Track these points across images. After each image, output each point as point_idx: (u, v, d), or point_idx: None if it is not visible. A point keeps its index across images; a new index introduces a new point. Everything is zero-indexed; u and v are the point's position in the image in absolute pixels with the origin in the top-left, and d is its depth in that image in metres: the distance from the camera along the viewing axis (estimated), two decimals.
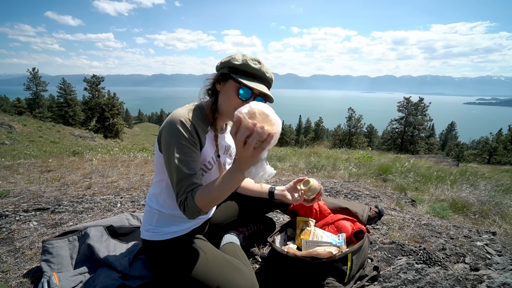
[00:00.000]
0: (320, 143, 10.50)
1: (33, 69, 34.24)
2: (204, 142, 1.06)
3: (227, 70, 1.00)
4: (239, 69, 0.99)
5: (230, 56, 1.02)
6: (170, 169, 0.97)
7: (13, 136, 13.78)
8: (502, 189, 3.29)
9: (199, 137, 1.02)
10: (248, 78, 0.99)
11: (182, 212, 0.95)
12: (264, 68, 1.01)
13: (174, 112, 1.01)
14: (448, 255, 1.39)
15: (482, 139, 32.34)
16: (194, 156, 0.98)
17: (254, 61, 1.00)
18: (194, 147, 0.99)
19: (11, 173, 3.31)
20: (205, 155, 1.07)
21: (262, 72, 1.00)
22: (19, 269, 1.34)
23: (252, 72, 0.99)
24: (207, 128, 1.09)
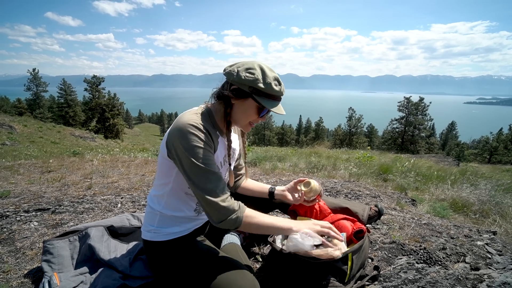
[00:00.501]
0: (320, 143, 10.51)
1: (33, 69, 34.34)
2: (217, 147, 1.06)
3: (248, 89, 0.98)
4: (263, 92, 0.99)
5: (252, 74, 0.97)
6: (195, 174, 0.95)
7: (14, 136, 13.80)
8: (502, 188, 3.28)
9: (213, 141, 1.03)
10: (269, 99, 1.01)
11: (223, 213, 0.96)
12: (283, 88, 1.03)
13: (185, 117, 0.99)
14: (449, 255, 1.39)
15: (482, 139, 32.32)
16: (212, 159, 0.99)
17: (275, 81, 1.00)
18: (210, 148, 1.00)
19: (11, 174, 3.32)
20: (216, 160, 1.07)
21: (281, 92, 1.03)
22: (20, 269, 1.34)
23: (273, 95, 1.00)
24: (216, 133, 1.08)
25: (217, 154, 1.08)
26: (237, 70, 0.99)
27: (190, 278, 1.02)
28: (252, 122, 1.07)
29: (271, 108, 1.00)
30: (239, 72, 0.98)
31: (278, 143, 35.42)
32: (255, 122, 1.07)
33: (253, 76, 0.97)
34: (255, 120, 1.06)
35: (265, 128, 41.01)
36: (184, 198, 1.12)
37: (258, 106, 1.01)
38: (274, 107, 1.01)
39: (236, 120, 1.07)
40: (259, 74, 0.98)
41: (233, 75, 0.99)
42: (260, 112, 1.03)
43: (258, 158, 4.50)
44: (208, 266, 1.02)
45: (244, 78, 0.97)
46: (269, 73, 0.99)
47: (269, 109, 1.00)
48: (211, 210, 0.96)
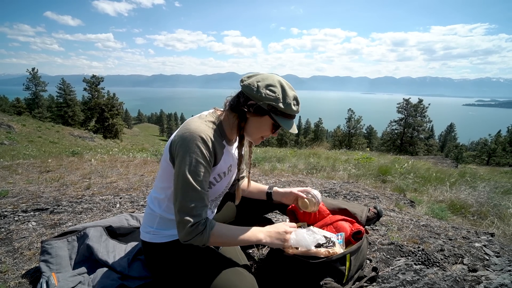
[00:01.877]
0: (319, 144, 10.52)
1: (32, 69, 34.22)
2: (219, 159, 1.05)
3: (266, 107, 0.97)
4: (281, 112, 0.98)
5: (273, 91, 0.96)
6: (184, 185, 0.93)
7: (12, 136, 13.76)
8: (500, 190, 3.30)
9: (216, 155, 1.02)
10: (286, 118, 1.00)
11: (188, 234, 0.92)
12: (300, 108, 1.03)
13: (194, 125, 0.97)
14: (447, 256, 1.40)
15: (481, 141, 32.40)
16: (207, 176, 0.98)
17: (294, 101, 1.00)
18: (209, 166, 0.98)
19: (10, 173, 3.31)
20: (217, 170, 1.07)
21: (297, 112, 1.03)
22: (17, 269, 1.34)
23: (290, 114, 1.00)
24: (223, 142, 1.08)
25: (221, 164, 1.07)
26: (257, 85, 0.96)
27: (188, 278, 1.02)
28: (264, 136, 1.07)
29: (288, 129, 1.00)
30: (260, 88, 0.96)
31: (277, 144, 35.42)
32: (267, 136, 1.08)
33: (274, 95, 0.96)
34: (267, 135, 1.07)
35: None
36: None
37: (273, 123, 1.01)
38: (290, 126, 1.01)
39: (249, 133, 1.06)
40: (280, 93, 0.96)
41: (253, 90, 0.96)
42: (275, 129, 1.04)
43: (257, 158, 4.50)
44: (206, 266, 1.02)
45: (265, 96, 0.95)
46: (289, 93, 0.98)
47: (285, 128, 0.99)
48: (180, 228, 0.94)
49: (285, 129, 1.00)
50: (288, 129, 1.00)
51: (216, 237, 0.97)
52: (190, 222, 0.92)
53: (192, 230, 0.92)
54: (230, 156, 1.13)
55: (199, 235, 0.93)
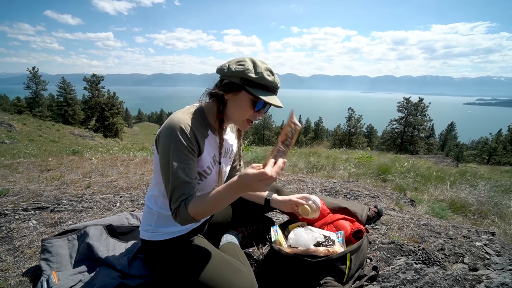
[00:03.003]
0: (319, 143, 10.50)
1: (33, 68, 34.26)
2: (203, 148, 1.04)
3: (239, 80, 0.96)
4: (254, 82, 0.95)
5: (241, 64, 0.96)
6: (167, 175, 0.96)
7: (13, 135, 13.77)
8: (501, 189, 3.29)
9: (198, 143, 1.01)
10: (263, 90, 0.97)
11: (174, 219, 0.96)
12: (277, 79, 1.00)
13: (174, 116, 0.98)
14: (447, 255, 1.40)
15: (481, 140, 32.37)
16: (191, 164, 0.97)
17: (267, 71, 0.97)
18: (192, 154, 0.98)
19: (10, 172, 3.31)
20: (203, 161, 1.06)
21: (275, 83, 0.99)
22: (18, 267, 1.34)
23: (266, 85, 0.97)
24: (207, 132, 1.07)
25: (205, 156, 1.05)
26: (228, 64, 0.99)
27: (188, 277, 1.02)
28: (249, 118, 1.03)
29: (266, 99, 0.95)
30: (230, 65, 0.98)
31: None
32: (253, 118, 1.03)
33: (243, 67, 0.95)
34: (251, 116, 1.02)
35: (265, 128, 41.04)
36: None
37: (252, 98, 0.97)
38: (271, 99, 0.97)
39: (231, 117, 1.04)
40: (250, 65, 0.96)
41: (223, 70, 0.98)
42: (255, 105, 0.99)
43: (258, 157, 4.50)
44: (206, 266, 1.02)
45: (235, 70, 0.96)
46: (260, 64, 0.97)
47: (263, 100, 0.95)
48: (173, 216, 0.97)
49: (264, 100, 0.95)
50: (269, 101, 0.95)
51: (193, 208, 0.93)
52: (172, 210, 0.96)
53: (175, 218, 0.96)
54: (215, 146, 1.10)
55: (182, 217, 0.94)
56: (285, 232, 1.42)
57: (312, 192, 2.64)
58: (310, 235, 1.17)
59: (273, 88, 0.99)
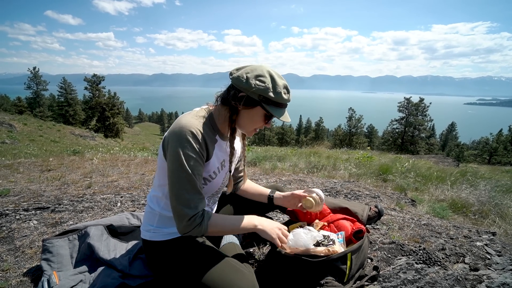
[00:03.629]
0: (320, 143, 10.50)
1: (33, 68, 34.33)
2: (211, 154, 1.04)
3: (257, 97, 0.96)
4: (272, 101, 0.97)
5: (263, 82, 0.95)
6: (178, 179, 0.95)
7: (14, 135, 13.80)
8: (502, 189, 3.28)
9: (208, 149, 1.02)
10: (277, 107, 1.00)
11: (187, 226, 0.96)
12: (291, 96, 1.03)
13: (184, 120, 0.97)
14: (448, 255, 1.39)
15: (482, 140, 32.30)
16: (199, 169, 0.99)
17: (285, 89, 0.99)
18: (202, 160, 0.99)
19: (11, 172, 3.32)
20: (210, 166, 1.06)
21: (289, 100, 1.02)
22: (19, 268, 1.34)
23: (282, 103, 1.00)
24: (215, 137, 1.07)
25: (213, 160, 1.07)
26: (246, 76, 0.95)
27: (189, 277, 1.02)
28: (257, 128, 1.07)
29: (279, 117, 1.00)
30: (249, 79, 0.95)
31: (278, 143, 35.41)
32: (260, 128, 1.08)
33: (264, 85, 0.95)
34: (260, 127, 1.07)
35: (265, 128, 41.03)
36: None
37: (266, 113, 1.01)
38: (282, 115, 1.01)
39: (242, 126, 1.06)
40: (269, 83, 0.95)
41: (242, 82, 0.95)
42: (267, 119, 1.03)
43: (258, 158, 4.50)
44: (207, 264, 1.02)
45: (255, 87, 0.94)
46: (279, 81, 0.97)
47: (277, 117, 1.00)
48: (178, 220, 0.97)
49: (277, 118, 1.00)
50: (281, 118, 1.00)
51: (214, 226, 1.00)
52: (188, 215, 0.95)
53: (190, 223, 0.95)
54: (223, 151, 1.12)
55: (198, 227, 0.96)
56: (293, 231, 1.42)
57: None
58: (309, 235, 1.17)
59: (286, 104, 1.03)
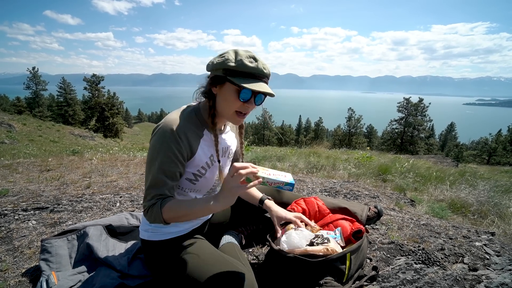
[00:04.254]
0: (319, 143, 10.50)
1: (33, 68, 34.26)
2: (196, 149, 1.04)
3: (222, 72, 0.94)
4: (236, 71, 0.93)
5: (223, 56, 0.95)
6: (149, 172, 0.98)
7: (13, 135, 13.77)
8: (501, 189, 3.29)
9: (191, 146, 1.01)
10: (246, 78, 0.93)
11: (144, 214, 0.99)
12: (261, 65, 0.94)
13: (167, 118, 0.99)
14: (447, 255, 1.40)
15: (481, 140, 32.37)
16: (173, 167, 0.98)
17: (249, 58, 0.93)
18: (178, 158, 0.98)
19: (10, 172, 3.31)
20: (197, 162, 1.06)
21: (259, 69, 0.93)
22: (17, 268, 1.34)
23: (249, 72, 0.93)
24: (203, 132, 1.07)
25: (199, 155, 1.05)
26: (212, 59, 0.99)
27: (187, 278, 1.02)
28: (238, 110, 0.99)
29: (249, 86, 0.90)
30: (213, 59, 0.99)
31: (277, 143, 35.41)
32: (242, 110, 0.99)
33: (224, 58, 0.95)
34: (240, 107, 0.98)
35: (265, 128, 41.05)
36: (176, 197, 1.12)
37: (237, 88, 0.94)
38: (255, 86, 0.91)
39: (221, 111, 1.02)
40: (231, 55, 0.95)
41: (209, 66, 0.99)
42: (241, 95, 0.94)
43: (258, 157, 4.50)
44: (206, 266, 1.02)
45: (216, 63, 0.95)
46: (242, 53, 0.94)
47: (246, 87, 0.90)
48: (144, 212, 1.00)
49: (245, 87, 0.90)
50: (252, 88, 0.90)
51: (168, 211, 0.94)
52: (144, 207, 0.99)
53: (146, 214, 0.98)
54: (212, 145, 1.09)
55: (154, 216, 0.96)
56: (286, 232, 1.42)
57: (312, 192, 2.64)
58: (301, 235, 1.18)
59: (258, 74, 0.94)
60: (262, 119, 40.64)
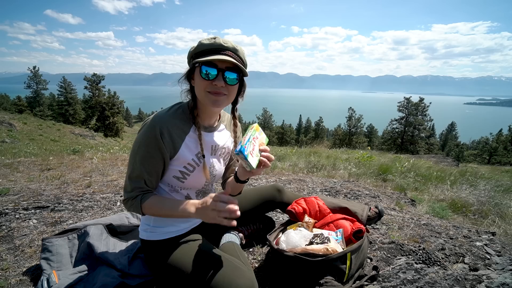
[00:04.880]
0: (320, 143, 10.50)
1: (33, 67, 34.28)
2: (179, 146, 1.03)
3: (192, 60, 0.99)
4: (198, 52, 0.96)
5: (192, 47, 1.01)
6: (130, 163, 1.02)
7: (14, 134, 13.78)
8: (502, 189, 3.28)
9: (174, 142, 1.02)
10: (206, 55, 0.93)
11: (123, 203, 1.04)
12: (220, 40, 0.94)
13: (156, 115, 1.02)
14: (448, 255, 1.39)
15: (482, 140, 32.34)
16: (153, 163, 1.01)
17: (208, 39, 0.96)
18: (158, 155, 1.00)
19: (11, 171, 3.31)
20: (183, 158, 1.05)
21: (217, 44, 0.94)
22: (18, 267, 1.34)
23: (208, 49, 0.94)
24: (189, 128, 1.06)
25: (183, 152, 1.04)
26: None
27: (187, 277, 1.02)
28: (208, 90, 0.96)
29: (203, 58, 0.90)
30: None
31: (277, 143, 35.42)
32: (212, 89, 0.95)
33: (191, 47, 1.00)
34: (208, 86, 0.95)
35: (265, 128, 41.06)
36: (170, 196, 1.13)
37: (199, 68, 0.94)
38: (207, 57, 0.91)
39: (198, 97, 1.01)
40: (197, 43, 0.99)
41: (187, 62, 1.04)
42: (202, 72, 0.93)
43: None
44: (206, 264, 1.02)
45: (188, 54, 1.02)
46: (205, 39, 0.97)
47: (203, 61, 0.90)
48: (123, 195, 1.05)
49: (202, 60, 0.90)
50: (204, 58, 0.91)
51: (148, 208, 1.02)
52: (124, 196, 1.04)
53: (125, 203, 1.04)
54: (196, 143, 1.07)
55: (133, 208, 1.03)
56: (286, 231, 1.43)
57: (313, 192, 2.64)
58: (300, 234, 1.18)
59: (216, 48, 0.94)
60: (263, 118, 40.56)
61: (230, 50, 0.95)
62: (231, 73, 0.95)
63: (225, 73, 0.95)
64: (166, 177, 1.08)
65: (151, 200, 1.01)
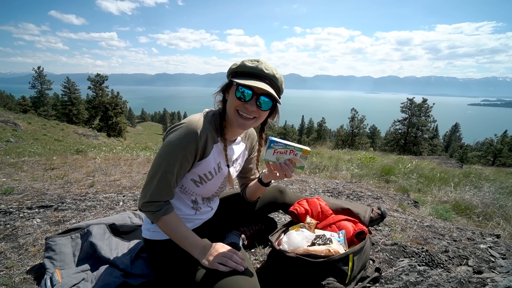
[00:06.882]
0: (322, 144, 10.48)
1: (38, 67, 34.65)
2: (208, 152, 1.04)
3: (230, 77, 1.00)
4: (238, 72, 0.98)
5: (234, 63, 1.02)
6: (157, 163, 0.98)
7: (18, 133, 13.92)
8: (506, 191, 3.25)
9: (206, 147, 1.02)
10: (246, 78, 0.96)
11: (140, 208, 1.02)
12: (263, 66, 0.96)
13: (193, 119, 0.99)
14: (451, 258, 1.38)
15: (486, 141, 32.02)
16: (186, 166, 1.01)
17: (252, 61, 0.98)
18: (188, 159, 0.99)
19: (15, 171, 3.34)
20: (206, 165, 1.06)
21: (259, 69, 0.95)
22: (22, 265, 1.35)
23: (249, 72, 0.96)
24: (217, 137, 1.07)
25: (209, 160, 1.06)
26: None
27: (189, 277, 1.02)
28: (239, 110, 0.98)
29: (241, 81, 0.93)
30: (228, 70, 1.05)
31: None
32: (242, 110, 0.98)
33: (234, 64, 1.01)
34: (239, 107, 0.98)
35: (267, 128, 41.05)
36: (179, 195, 1.13)
37: (236, 87, 0.96)
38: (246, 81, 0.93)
39: (228, 113, 1.03)
40: (238, 61, 1.01)
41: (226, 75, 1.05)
42: (238, 94, 0.96)
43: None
44: None
45: (228, 70, 1.03)
46: (249, 59, 0.99)
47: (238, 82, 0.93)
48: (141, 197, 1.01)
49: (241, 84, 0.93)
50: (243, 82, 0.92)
51: (164, 224, 1.02)
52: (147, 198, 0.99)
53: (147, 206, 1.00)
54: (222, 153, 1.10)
55: (150, 213, 1.01)
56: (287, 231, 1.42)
57: (315, 193, 2.63)
58: (301, 235, 1.18)
59: (257, 74, 0.95)
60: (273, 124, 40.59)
61: (269, 78, 0.97)
62: (265, 99, 0.98)
63: (259, 98, 0.97)
64: (183, 178, 1.09)
65: (171, 217, 1.02)
